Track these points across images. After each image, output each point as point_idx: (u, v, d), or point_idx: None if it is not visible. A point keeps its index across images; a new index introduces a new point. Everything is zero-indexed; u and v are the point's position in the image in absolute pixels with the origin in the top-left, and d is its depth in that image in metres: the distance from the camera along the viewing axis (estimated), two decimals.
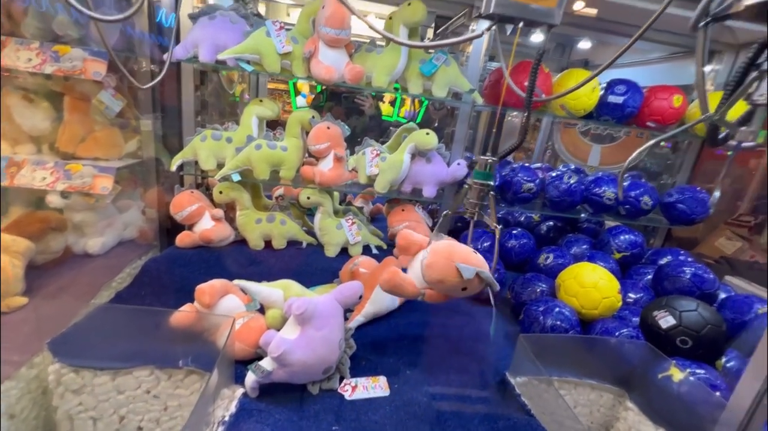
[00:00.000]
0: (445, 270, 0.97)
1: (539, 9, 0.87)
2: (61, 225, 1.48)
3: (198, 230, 1.60)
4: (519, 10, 0.87)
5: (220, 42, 1.43)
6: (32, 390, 1.02)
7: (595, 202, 1.74)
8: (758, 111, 0.63)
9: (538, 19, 0.90)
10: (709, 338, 1.11)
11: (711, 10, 0.67)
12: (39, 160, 1.42)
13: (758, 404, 0.63)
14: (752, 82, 0.64)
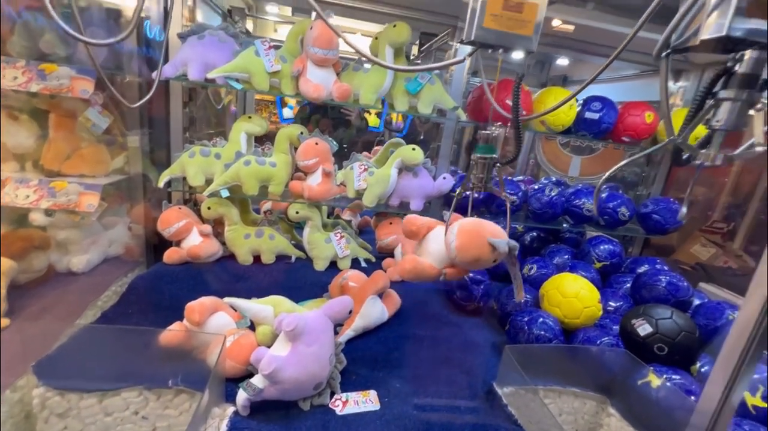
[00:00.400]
0: (480, 248, 1.05)
1: (517, 36, 0.93)
2: (45, 243, 1.46)
3: (186, 246, 1.60)
4: (498, 38, 0.93)
5: (210, 61, 1.46)
6: (15, 414, 1.00)
7: (576, 213, 1.80)
8: (716, 135, 0.69)
9: (516, 47, 0.96)
10: (683, 344, 1.16)
11: (671, 43, 0.73)
12: (22, 178, 1.41)
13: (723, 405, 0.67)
14: (710, 109, 0.70)
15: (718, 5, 0.64)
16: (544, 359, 1.16)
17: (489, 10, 0.90)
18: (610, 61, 0.83)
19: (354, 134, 3.91)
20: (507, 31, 0.92)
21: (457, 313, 1.57)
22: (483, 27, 0.91)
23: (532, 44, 0.95)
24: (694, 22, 0.69)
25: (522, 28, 0.93)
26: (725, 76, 0.67)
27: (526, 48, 0.95)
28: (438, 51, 2.24)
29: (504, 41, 0.93)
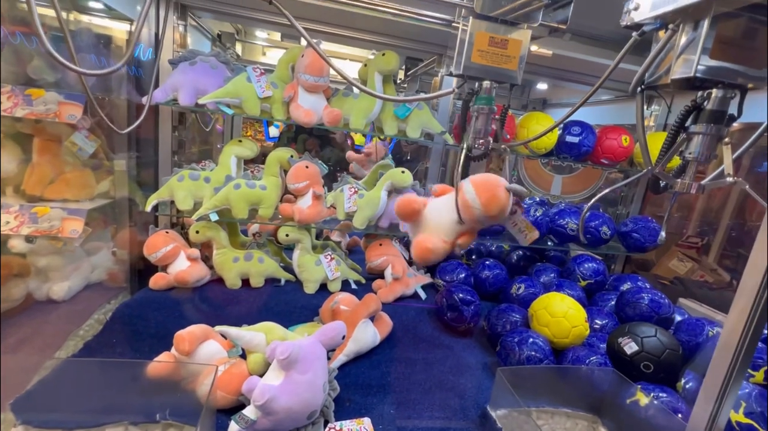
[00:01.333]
0: (502, 198, 1.13)
1: (502, 71, 0.99)
2: (24, 271, 1.41)
3: (173, 271, 1.57)
4: (484, 72, 0.98)
5: (201, 86, 1.47)
6: None
7: (560, 233, 1.86)
8: (690, 165, 0.74)
9: (501, 80, 1.01)
10: (668, 362, 1.19)
11: (645, 80, 0.79)
12: (4, 204, 1.37)
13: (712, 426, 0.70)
14: (682, 142, 0.75)
15: (686, 47, 0.70)
16: (536, 380, 1.17)
17: (476, 46, 0.96)
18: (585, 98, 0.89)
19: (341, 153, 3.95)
20: (493, 65, 0.97)
21: (448, 334, 1.57)
22: (471, 62, 0.96)
23: (517, 78, 1.00)
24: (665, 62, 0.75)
25: (507, 63, 0.98)
26: (695, 111, 0.72)
27: (511, 81, 1.00)
28: (425, 75, 2.31)
29: (490, 75, 0.98)
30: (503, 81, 1.03)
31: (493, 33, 0.99)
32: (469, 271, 1.85)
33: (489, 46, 0.97)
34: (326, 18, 1.67)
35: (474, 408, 1.18)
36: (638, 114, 0.81)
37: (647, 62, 0.75)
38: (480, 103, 1.13)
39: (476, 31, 0.98)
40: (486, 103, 1.13)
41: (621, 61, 0.79)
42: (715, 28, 0.65)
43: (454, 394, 1.23)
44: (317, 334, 1.08)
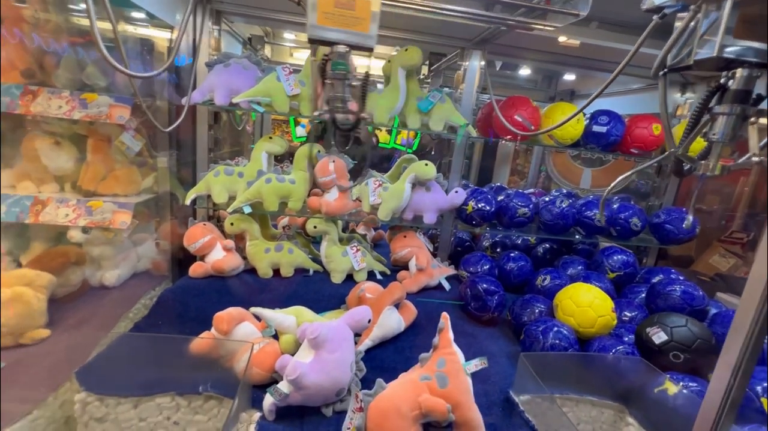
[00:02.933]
0: None
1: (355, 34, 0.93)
2: (81, 259, 1.56)
3: (210, 260, 1.67)
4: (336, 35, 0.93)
5: (234, 86, 1.56)
6: (57, 419, 1.07)
7: (587, 224, 1.83)
8: (714, 147, 0.73)
9: (354, 44, 0.95)
10: (699, 352, 1.17)
11: (667, 63, 0.78)
12: (62, 198, 1.51)
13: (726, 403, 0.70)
14: (706, 123, 0.75)
15: (709, 28, 0.70)
16: (560, 367, 1.18)
17: (320, 8, 0.91)
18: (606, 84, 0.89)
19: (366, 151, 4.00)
20: (343, 28, 0.92)
21: (472, 323, 1.59)
22: (317, 25, 0.91)
23: (371, 41, 0.95)
24: (688, 43, 0.75)
25: (357, 25, 0.93)
26: (719, 92, 0.72)
27: (366, 44, 0.95)
28: (448, 70, 2.33)
29: (342, 39, 0.94)
30: (357, 45, 0.96)
31: None
32: (494, 263, 1.86)
33: (335, 8, 0.91)
34: None
35: (497, 393, 1.20)
36: (661, 97, 0.81)
37: (668, 44, 0.74)
38: (336, 68, 1.03)
39: None
40: (342, 68, 1.02)
41: (641, 46, 0.79)
42: (737, 7, 0.65)
43: (477, 379, 1.24)
44: (345, 317, 1.13)
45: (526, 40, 1.74)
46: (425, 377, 0.94)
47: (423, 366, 0.99)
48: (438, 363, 0.96)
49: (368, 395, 0.94)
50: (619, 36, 1.71)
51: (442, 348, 0.99)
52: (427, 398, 0.88)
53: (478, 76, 1.79)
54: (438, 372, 0.94)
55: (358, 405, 0.93)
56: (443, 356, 0.97)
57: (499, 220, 1.87)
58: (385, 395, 0.91)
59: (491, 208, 1.79)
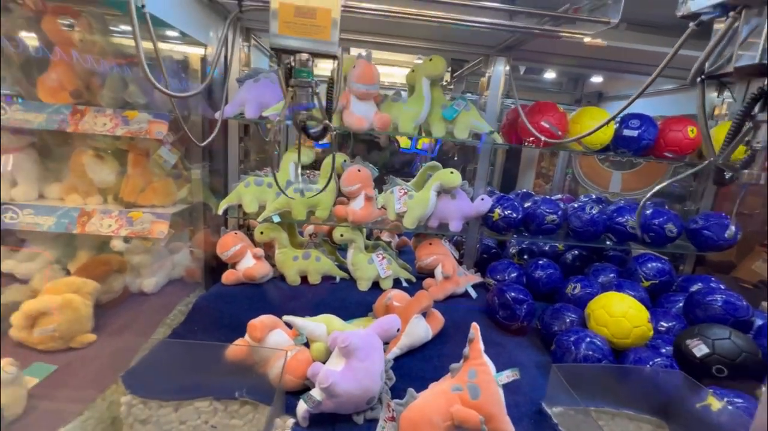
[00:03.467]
0: None
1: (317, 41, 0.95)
2: (122, 267, 1.64)
3: (241, 268, 1.73)
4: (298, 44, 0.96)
5: (264, 101, 1.62)
6: (104, 419, 1.13)
7: (619, 231, 1.78)
8: (758, 155, 0.71)
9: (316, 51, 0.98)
10: (745, 366, 1.11)
11: (705, 69, 0.77)
12: (106, 209, 1.61)
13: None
14: (749, 131, 0.72)
15: (750, 34, 0.68)
16: (594, 379, 1.15)
17: (281, 17, 0.92)
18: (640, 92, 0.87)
19: (387, 157, 4.04)
20: (304, 37, 0.94)
21: (500, 332, 1.58)
22: (278, 34, 0.93)
23: (333, 48, 0.96)
24: (727, 49, 0.73)
25: (319, 33, 0.95)
26: (762, 98, 0.69)
27: (328, 52, 0.96)
28: (471, 76, 2.32)
29: (304, 47, 0.95)
30: (319, 53, 0.98)
31: (299, 2, 0.93)
32: (521, 270, 1.83)
33: (296, 17, 0.93)
34: (374, 28, 1.76)
35: (528, 404, 1.18)
36: (699, 105, 0.79)
37: (707, 51, 0.73)
38: (299, 76, 1.02)
39: (279, 1, 0.92)
40: (307, 76, 1.03)
41: (677, 52, 0.77)
42: None
43: (508, 390, 1.23)
44: (374, 326, 1.15)
45: (552, 45, 1.72)
46: (457, 388, 0.94)
47: (454, 377, 0.99)
48: (469, 373, 0.96)
49: (400, 404, 0.95)
50: (649, 37, 1.67)
51: (473, 358, 0.99)
52: (459, 409, 0.88)
53: (502, 83, 1.78)
54: (469, 383, 0.94)
55: (390, 414, 0.94)
56: (474, 367, 0.97)
57: (527, 227, 1.84)
58: (417, 405, 0.91)
59: (518, 215, 1.76)
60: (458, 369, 1.00)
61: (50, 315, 1.25)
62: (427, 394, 0.96)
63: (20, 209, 1.54)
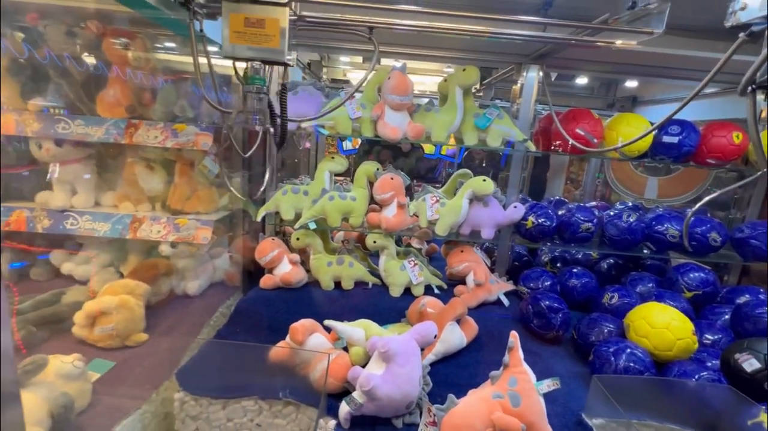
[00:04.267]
0: None
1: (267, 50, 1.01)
2: (169, 270, 1.74)
3: (278, 273, 1.80)
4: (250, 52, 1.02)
5: (302, 111, 1.69)
6: (158, 414, 1.20)
7: (658, 239, 1.73)
8: None
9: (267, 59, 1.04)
10: None
11: (757, 79, 0.76)
12: (155, 216, 1.71)
13: None
14: None
15: None
16: (636, 391, 1.13)
17: (232, 27, 0.97)
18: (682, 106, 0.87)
19: (413, 163, 4.08)
20: (255, 45, 0.99)
21: (534, 341, 1.56)
22: (230, 44, 0.99)
23: (282, 56, 1.01)
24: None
25: (268, 41, 0.99)
26: None
27: (279, 60, 1.02)
28: (501, 82, 2.33)
29: (257, 55, 1.01)
30: (269, 61, 1.04)
31: (248, 13, 0.98)
32: (555, 279, 1.81)
33: (246, 27, 0.98)
34: (406, 40, 1.80)
35: (567, 414, 1.17)
36: (750, 116, 0.78)
37: (759, 61, 0.72)
38: (253, 82, 1.11)
39: (230, 12, 0.98)
40: (261, 83, 1.11)
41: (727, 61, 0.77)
42: None
43: (546, 399, 1.23)
44: (411, 332, 1.17)
45: (586, 52, 1.71)
46: (497, 395, 0.95)
47: (494, 384, 1.00)
48: (509, 381, 0.97)
49: (441, 409, 0.97)
50: (687, 41, 1.63)
51: (512, 366, 1.00)
52: (501, 416, 0.89)
53: (535, 90, 1.78)
54: (510, 391, 0.95)
55: (431, 419, 0.96)
56: (514, 374, 0.98)
57: (561, 235, 1.82)
58: (458, 410, 0.93)
59: (552, 223, 1.75)
60: (498, 376, 1.01)
61: (109, 315, 1.35)
62: (468, 400, 0.97)
63: (80, 216, 1.66)
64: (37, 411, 0.94)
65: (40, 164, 1.70)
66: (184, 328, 1.56)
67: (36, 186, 1.71)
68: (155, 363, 1.32)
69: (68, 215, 1.66)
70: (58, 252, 1.77)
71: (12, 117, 1.57)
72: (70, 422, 1.01)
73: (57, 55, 1.56)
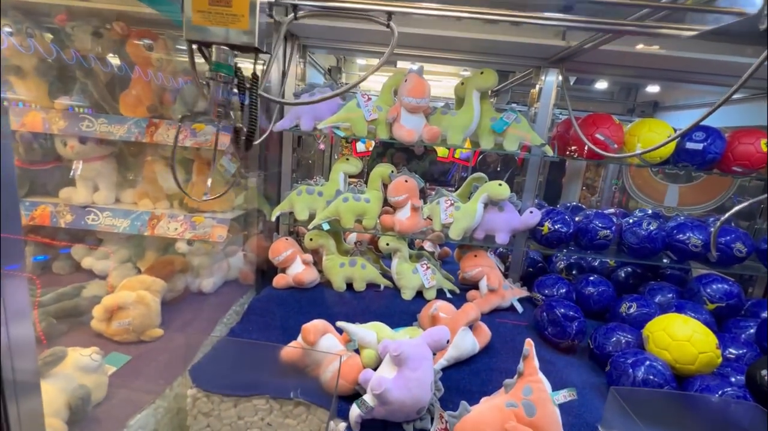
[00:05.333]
0: None
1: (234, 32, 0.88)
2: (185, 268, 1.77)
3: (291, 273, 1.81)
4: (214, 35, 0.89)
5: (318, 114, 1.70)
6: (171, 409, 1.22)
7: (680, 249, 1.68)
8: None
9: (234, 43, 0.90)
10: None
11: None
12: (173, 213, 1.74)
13: None
14: None
15: None
16: (656, 405, 1.09)
17: (195, 6, 0.85)
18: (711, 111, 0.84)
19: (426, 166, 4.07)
20: (220, 26, 0.87)
21: (549, 349, 1.53)
22: (193, 25, 0.87)
23: (253, 39, 0.88)
24: None
25: (235, 22, 0.87)
26: None
27: (248, 43, 0.88)
28: (520, 86, 2.30)
29: (221, 38, 0.87)
30: (238, 46, 0.90)
31: None
32: (571, 286, 1.77)
33: (210, 5, 0.85)
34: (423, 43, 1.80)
35: (583, 426, 1.14)
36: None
37: None
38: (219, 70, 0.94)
39: None
40: (225, 70, 0.95)
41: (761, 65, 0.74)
42: None
43: (561, 410, 1.20)
44: (424, 336, 1.16)
45: (606, 56, 1.68)
46: (511, 404, 0.93)
47: (508, 392, 0.98)
48: (524, 390, 0.95)
49: (453, 416, 0.95)
50: (712, 45, 1.58)
51: (527, 375, 0.98)
52: (515, 426, 0.87)
53: (554, 94, 1.76)
54: (525, 400, 0.93)
55: (442, 425, 0.95)
56: (529, 383, 0.96)
57: (577, 242, 1.79)
58: (470, 418, 0.91)
59: (569, 229, 1.72)
60: (512, 384, 0.99)
61: (126, 310, 1.37)
62: (481, 408, 0.95)
63: (101, 212, 1.71)
64: (56, 401, 0.96)
65: (64, 161, 1.75)
66: (198, 325, 1.58)
67: (60, 182, 1.76)
68: (169, 358, 1.34)
69: (90, 211, 1.70)
70: (79, 247, 1.81)
71: (39, 115, 1.62)
72: (86, 414, 1.03)
73: (83, 56, 1.61)
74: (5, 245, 0.61)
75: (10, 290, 0.63)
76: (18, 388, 0.67)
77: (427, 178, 3.93)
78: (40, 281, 1.63)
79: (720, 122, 1.76)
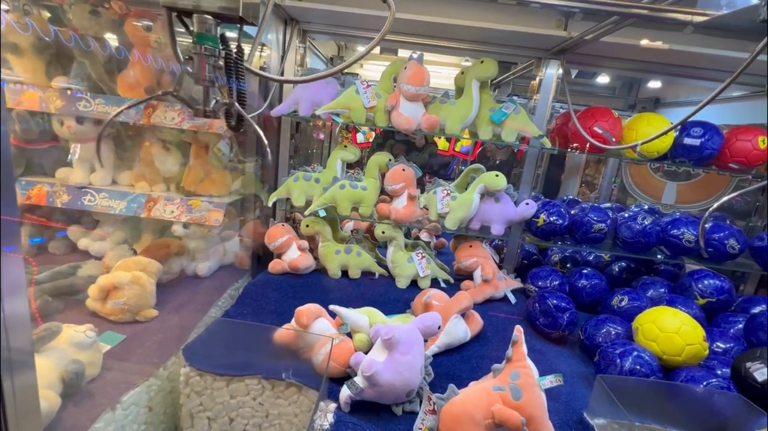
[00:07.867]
0: None
1: None
2: (181, 251, 1.77)
3: (286, 258, 1.81)
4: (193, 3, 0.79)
5: (317, 99, 1.69)
6: (164, 388, 1.24)
7: (673, 244, 1.69)
8: None
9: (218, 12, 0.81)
10: None
11: None
12: (169, 196, 1.74)
13: None
14: None
15: None
16: (641, 394, 1.11)
17: None
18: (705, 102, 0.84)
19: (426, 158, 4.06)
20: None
21: (540, 340, 1.55)
22: None
23: (237, 6, 0.79)
24: None
25: None
26: None
27: (231, 12, 0.80)
28: (521, 78, 2.29)
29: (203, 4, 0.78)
30: (221, 14, 0.81)
31: None
32: (564, 279, 1.79)
33: None
34: (423, 30, 1.78)
35: (569, 413, 1.16)
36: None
37: None
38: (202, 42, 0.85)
39: None
40: (211, 42, 0.86)
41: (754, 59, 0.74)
42: None
43: (548, 397, 1.21)
44: (415, 322, 1.18)
45: (608, 48, 1.67)
46: (498, 387, 0.94)
47: (496, 377, 1.00)
48: (512, 375, 0.97)
49: (441, 398, 0.97)
50: (715, 41, 1.57)
51: (515, 360, 0.99)
52: (501, 408, 0.88)
53: (554, 86, 1.75)
54: (512, 384, 0.94)
55: (430, 407, 0.97)
56: (517, 368, 0.98)
57: (572, 235, 1.79)
58: (458, 400, 0.93)
59: (564, 222, 1.73)
60: (500, 369, 1.01)
61: (121, 290, 1.38)
62: (469, 391, 0.97)
63: (97, 193, 1.70)
64: (49, 374, 0.97)
65: (61, 141, 1.74)
66: (192, 307, 1.59)
67: (56, 162, 1.75)
68: (164, 338, 1.36)
69: (86, 192, 1.70)
70: (75, 228, 1.81)
71: (36, 94, 1.61)
72: (80, 388, 1.04)
73: (80, 35, 1.59)
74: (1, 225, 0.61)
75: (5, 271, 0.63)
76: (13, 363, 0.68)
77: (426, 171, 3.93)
78: (36, 261, 1.64)
79: (720, 120, 1.76)
